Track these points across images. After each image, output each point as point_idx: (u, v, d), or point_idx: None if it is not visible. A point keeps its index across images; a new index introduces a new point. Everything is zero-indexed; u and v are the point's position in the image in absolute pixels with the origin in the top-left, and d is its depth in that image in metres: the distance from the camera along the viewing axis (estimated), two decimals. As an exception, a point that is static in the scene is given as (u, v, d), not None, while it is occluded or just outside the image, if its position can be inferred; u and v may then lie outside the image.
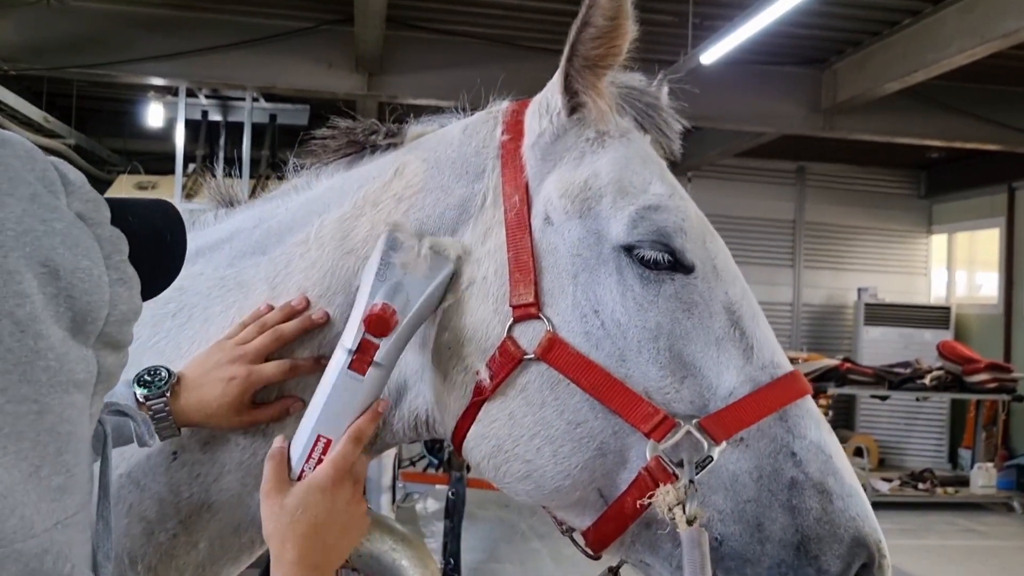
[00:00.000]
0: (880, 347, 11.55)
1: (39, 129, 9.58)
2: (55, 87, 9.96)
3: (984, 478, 9.71)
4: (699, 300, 1.15)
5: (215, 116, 9.48)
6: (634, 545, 1.13)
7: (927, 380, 9.52)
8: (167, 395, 1.16)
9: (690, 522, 1.03)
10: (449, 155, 1.30)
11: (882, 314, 11.94)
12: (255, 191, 6.49)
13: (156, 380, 1.17)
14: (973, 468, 10.02)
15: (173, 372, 1.19)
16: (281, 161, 1.58)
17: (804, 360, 9.97)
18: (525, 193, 1.22)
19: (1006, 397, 9.78)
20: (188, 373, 1.20)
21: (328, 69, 8.09)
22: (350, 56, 7.93)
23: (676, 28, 7.16)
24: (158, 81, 8.57)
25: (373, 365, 1.12)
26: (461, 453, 1.22)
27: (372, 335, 1.11)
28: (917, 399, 10.33)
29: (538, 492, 1.15)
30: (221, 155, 8.74)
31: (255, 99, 9.02)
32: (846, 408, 11.93)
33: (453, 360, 1.19)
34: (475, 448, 1.19)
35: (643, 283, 1.14)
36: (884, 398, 10.15)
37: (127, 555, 1.19)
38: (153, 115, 9.92)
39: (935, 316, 12.03)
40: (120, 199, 0.82)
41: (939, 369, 9.66)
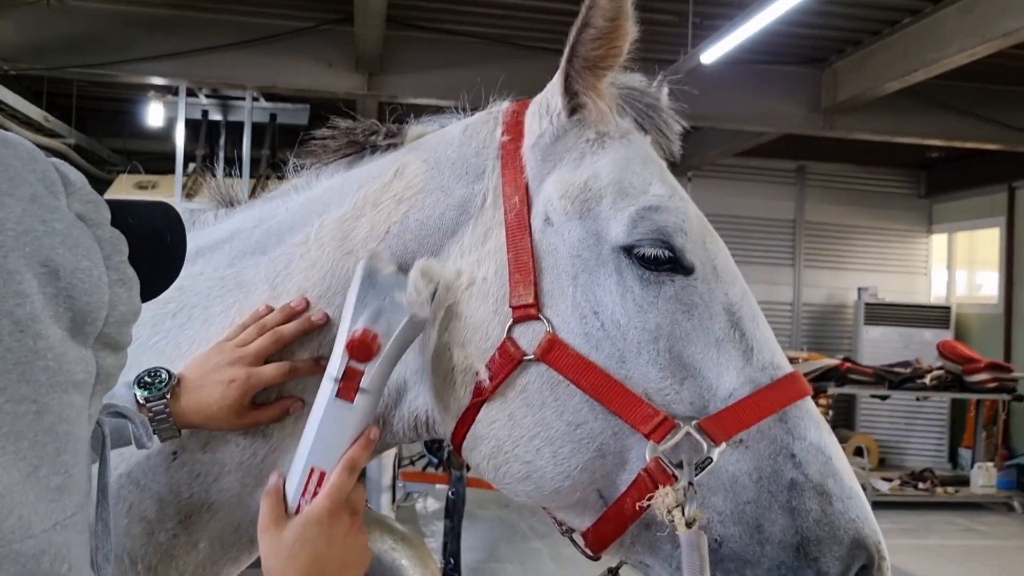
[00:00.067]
0: (880, 347, 11.55)
1: (39, 129, 9.58)
2: (55, 87, 9.97)
3: (984, 478, 9.71)
4: (699, 301, 1.15)
5: (215, 116, 9.48)
6: (634, 546, 1.13)
7: (927, 380, 9.51)
8: (167, 397, 1.16)
9: (689, 524, 1.03)
10: (449, 156, 1.30)
11: (882, 314, 11.94)
12: (255, 191, 6.49)
13: (156, 382, 1.17)
14: (973, 468, 10.02)
15: (173, 374, 1.19)
16: (281, 161, 1.58)
17: (804, 360, 9.97)
18: (525, 194, 1.22)
19: (1006, 397, 9.77)
20: (188, 375, 1.20)
21: (328, 69, 8.09)
22: (350, 56, 7.93)
23: (676, 28, 7.16)
24: (158, 81, 8.57)
25: (360, 392, 1.12)
26: (461, 454, 1.22)
27: (356, 361, 1.11)
28: (917, 399, 10.32)
29: (538, 493, 1.15)
30: (221, 155, 8.74)
31: (255, 99, 9.02)
32: (846, 408, 11.93)
33: (453, 361, 1.19)
34: (475, 449, 1.19)
35: (643, 284, 1.14)
36: (884, 398, 10.14)
37: (127, 555, 1.19)
38: (153, 115, 9.93)
39: (935, 316, 12.03)
40: (120, 200, 0.82)
41: (939, 369, 9.65)
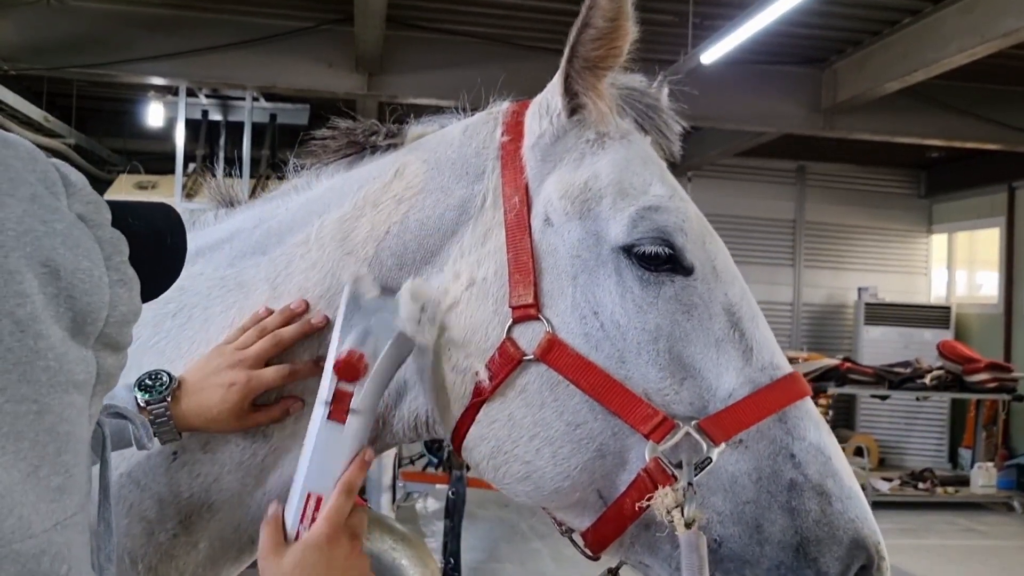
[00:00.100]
0: (880, 347, 11.55)
1: (39, 129, 9.58)
2: (55, 87, 9.97)
3: (984, 478, 9.71)
4: (699, 302, 1.15)
5: (215, 116, 9.48)
6: (633, 546, 1.13)
7: (927, 380, 9.51)
8: (168, 400, 1.16)
9: (688, 525, 1.03)
10: (449, 156, 1.30)
11: (882, 314, 11.94)
12: (255, 191, 6.50)
13: (157, 384, 1.17)
14: (973, 468, 10.02)
15: (174, 377, 1.19)
16: (281, 161, 1.58)
17: (804, 359, 9.96)
18: (525, 194, 1.22)
19: (1006, 397, 9.77)
20: (188, 378, 1.20)
21: (328, 69, 8.09)
22: (350, 56, 7.93)
23: (676, 28, 7.16)
24: (158, 81, 8.57)
25: (351, 412, 1.12)
26: (461, 454, 1.22)
27: (345, 382, 1.11)
28: (917, 399, 10.32)
29: (537, 493, 1.16)
30: (221, 155, 8.74)
31: (255, 99, 9.02)
32: (846, 408, 11.93)
33: (453, 361, 1.19)
34: (475, 449, 1.19)
35: (642, 285, 1.14)
36: (884, 398, 10.14)
37: (128, 555, 1.19)
38: (153, 115, 9.93)
39: (935, 316, 12.02)
40: (121, 201, 0.82)
41: (939, 369, 9.65)
